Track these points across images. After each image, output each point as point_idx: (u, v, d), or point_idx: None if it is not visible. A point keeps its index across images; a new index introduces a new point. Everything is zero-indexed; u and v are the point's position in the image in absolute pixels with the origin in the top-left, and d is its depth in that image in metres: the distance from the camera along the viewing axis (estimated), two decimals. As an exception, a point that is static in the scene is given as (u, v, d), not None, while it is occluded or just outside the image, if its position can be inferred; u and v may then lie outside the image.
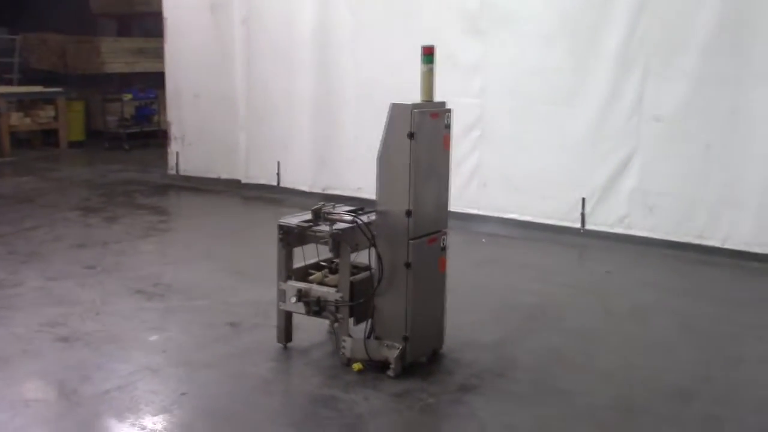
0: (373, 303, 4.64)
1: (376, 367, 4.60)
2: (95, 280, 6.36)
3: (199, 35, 10.60)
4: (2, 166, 12.34)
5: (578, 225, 8.13)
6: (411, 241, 4.49)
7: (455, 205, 8.82)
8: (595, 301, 6.15)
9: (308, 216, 4.78)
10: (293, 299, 4.79)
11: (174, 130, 11.12)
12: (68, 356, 4.79)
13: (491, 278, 6.77)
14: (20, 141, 14.33)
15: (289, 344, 4.97)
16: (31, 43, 15.93)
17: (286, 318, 4.95)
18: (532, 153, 8.31)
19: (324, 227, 4.62)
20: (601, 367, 4.84)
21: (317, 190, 9.79)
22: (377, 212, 4.58)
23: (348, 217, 4.58)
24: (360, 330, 4.74)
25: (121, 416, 4.02)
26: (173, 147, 11.16)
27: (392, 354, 4.58)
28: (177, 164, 11.15)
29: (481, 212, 8.71)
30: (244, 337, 5.18)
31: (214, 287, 6.19)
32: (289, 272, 4.90)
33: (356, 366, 4.65)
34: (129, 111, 14.73)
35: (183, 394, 4.30)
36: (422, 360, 4.80)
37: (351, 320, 4.75)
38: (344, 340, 4.70)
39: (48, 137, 14.42)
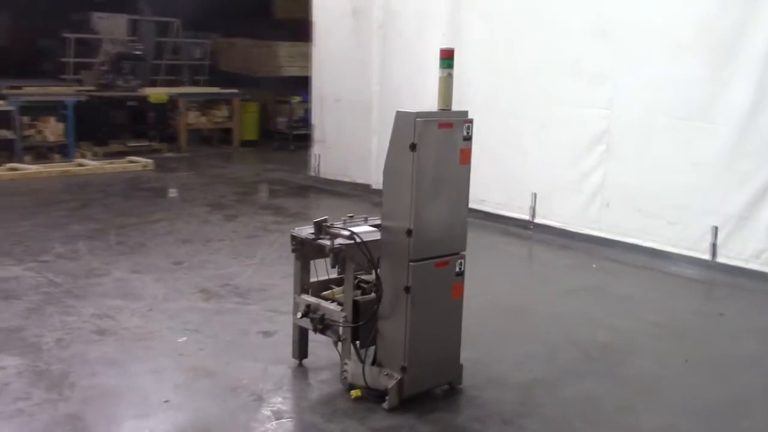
0: (376, 327, 4.30)
1: (377, 397, 4.25)
2: (172, 277, 6.52)
3: (342, 40, 10.65)
4: (175, 160, 13.20)
5: (707, 256, 7.12)
6: (411, 264, 4.09)
7: (576, 224, 8.23)
8: (680, 346, 5.30)
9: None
10: (299, 314, 4.58)
11: (317, 133, 11.28)
12: (91, 350, 4.90)
13: (573, 309, 6.07)
14: (203, 138, 15.35)
15: (307, 361, 4.75)
16: (221, 47, 16.98)
17: (300, 333, 4.73)
18: (660, 172, 7.42)
19: (326, 241, 4.34)
20: (638, 430, 4.12)
21: (441, 199, 9.45)
22: (382, 229, 4.22)
23: (346, 232, 4.26)
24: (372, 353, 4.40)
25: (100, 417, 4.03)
26: (315, 149, 11.33)
27: (389, 384, 4.20)
28: (318, 166, 11.30)
29: (602, 234, 7.94)
30: (267, 349, 5.03)
31: (278, 293, 6.07)
32: (304, 285, 4.68)
33: (354, 393, 4.33)
34: (298, 113, 15.19)
35: (166, 401, 4.23)
36: (437, 393, 4.38)
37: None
38: (346, 364, 4.39)
39: (228, 136, 15.27)
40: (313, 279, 4.73)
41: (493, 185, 8.84)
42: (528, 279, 7.28)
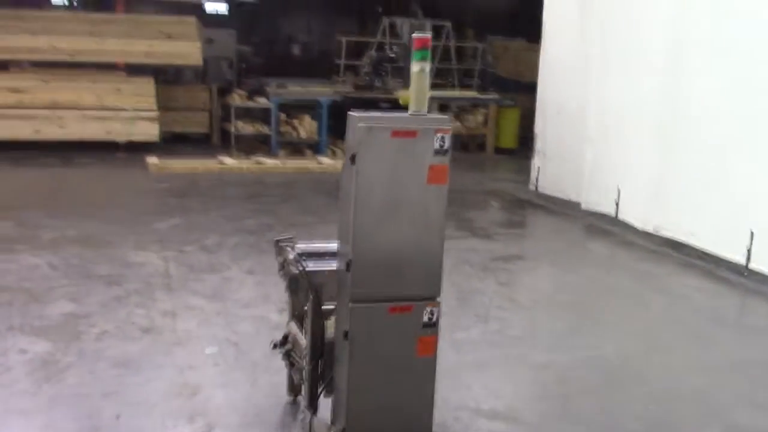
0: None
1: (330, 458, 3.52)
2: (272, 282, 6.25)
3: (568, 43, 9.52)
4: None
5: None
6: (351, 305, 3.28)
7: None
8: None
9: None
10: (271, 344, 3.98)
11: (538, 144, 10.27)
12: (117, 348, 4.79)
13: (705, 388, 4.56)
14: (462, 144, 14.99)
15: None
16: (498, 51, 16.45)
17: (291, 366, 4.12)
18: None
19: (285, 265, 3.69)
20: None
21: (649, 228, 7.98)
22: (337, 258, 3.46)
23: (291, 257, 3.56)
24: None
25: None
26: (536, 161, 10.31)
27: (330, 446, 3.45)
28: (537, 180, 10.27)
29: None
30: (282, 374, 4.49)
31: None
32: (294, 311, 4.06)
33: (305, 448, 3.63)
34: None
35: (118, 416, 3.94)
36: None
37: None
38: (303, 412, 3.70)
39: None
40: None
41: (706, 216, 7.20)
42: (715, 345, 5.56)
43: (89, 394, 4.18)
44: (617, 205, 8.50)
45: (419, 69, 3.26)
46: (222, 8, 30.30)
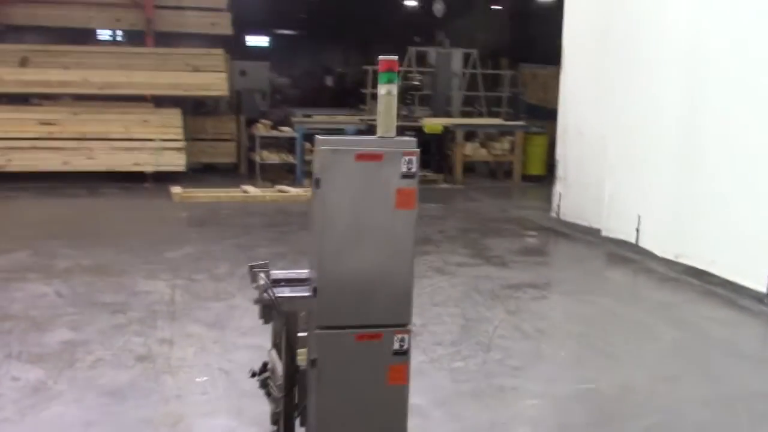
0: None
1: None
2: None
3: (588, 66, 9.40)
4: (440, 192, 12.95)
5: None
6: (317, 331, 3.21)
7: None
8: None
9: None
10: (249, 372, 3.90)
11: (559, 170, 10.10)
12: (108, 377, 4.79)
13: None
14: (490, 171, 14.92)
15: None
16: (526, 78, 16.37)
17: (273, 395, 4.04)
18: None
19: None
20: None
21: (669, 256, 7.76)
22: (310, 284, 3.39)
23: (261, 281, 3.49)
24: None
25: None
26: (557, 187, 10.14)
27: (299, 480, 3.35)
28: (558, 206, 10.10)
29: None
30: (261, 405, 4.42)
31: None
32: (276, 337, 3.99)
33: (277, 482, 3.54)
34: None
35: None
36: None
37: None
38: (277, 443, 3.62)
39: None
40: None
41: (727, 243, 6.98)
42: (727, 377, 5.31)
43: (71, 423, 4.17)
44: (638, 232, 8.29)
45: (386, 92, 3.20)
46: (263, 41, 31.07)
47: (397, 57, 3.22)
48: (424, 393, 4.60)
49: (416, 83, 13.80)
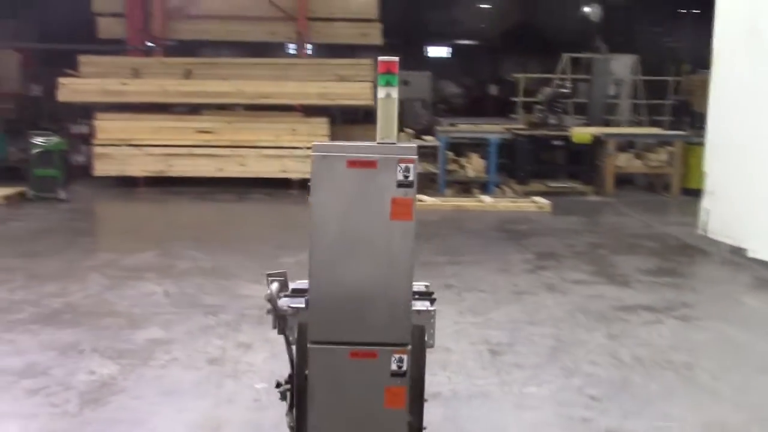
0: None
1: None
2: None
3: (743, 68, 8.51)
4: (587, 205, 12.33)
5: None
6: (311, 345, 3.07)
7: None
8: None
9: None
10: (276, 384, 3.82)
11: (708, 183, 9.22)
12: (182, 375, 4.90)
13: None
14: (648, 183, 14.04)
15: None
16: (694, 85, 15.22)
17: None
18: None
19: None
20: None
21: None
22: (314, 295, 3.26)
23: (273, 289, 3.39)
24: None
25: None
26: (705, 203, 9.26)
27: (297, 499, 3.22)
28: (705, 222, 9.22)
29: None
30: None
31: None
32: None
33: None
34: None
35: (132, 443, 4.00)
36: None
37: None
38: (292, 456, 3.51)
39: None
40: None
41: None
42: None
43: (121, 420, 4.28)
44: (784, 254, 7.39)
45: (385, 94, 3.00)
46: (444, 52, 31.60)
47: (397, 58, 3.02)
48: (476, 420, 4.32)
49: (565, 90, 13.22)
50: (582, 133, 13.00)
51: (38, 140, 11.67)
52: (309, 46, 15.44)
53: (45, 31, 17.14)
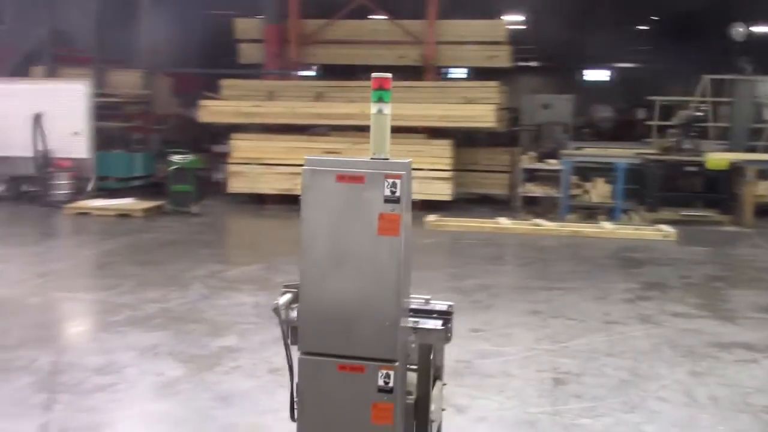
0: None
1: None
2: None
3: None
4: (722, 235, 11.58)
5: None
6: (300, 356, 3.13)
7: None
8: None
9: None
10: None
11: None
12: (241, 383, 5.09)
13: None
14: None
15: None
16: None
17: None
18: None
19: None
20: None
21: None
22: (316, 307, 3.32)
23: (280, 302, 3.45)
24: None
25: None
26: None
27: (293, 508, 3.27)
28: (841, 258, 8.41)
29: None
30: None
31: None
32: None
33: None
34: None
35: (171, 442, 4.20)
36: None
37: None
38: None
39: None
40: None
41: None
42: None
43: (164, 419, 4.51)
44: None
45: (377, 110, 3.03)
46: (603, 75, 31.15)
47: (390, 75, 3.03)
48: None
49: (699, 114, 12.50)
50: (717, 159, 12.23)
51: (175, 158, 12.51)
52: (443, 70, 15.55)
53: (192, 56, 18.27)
